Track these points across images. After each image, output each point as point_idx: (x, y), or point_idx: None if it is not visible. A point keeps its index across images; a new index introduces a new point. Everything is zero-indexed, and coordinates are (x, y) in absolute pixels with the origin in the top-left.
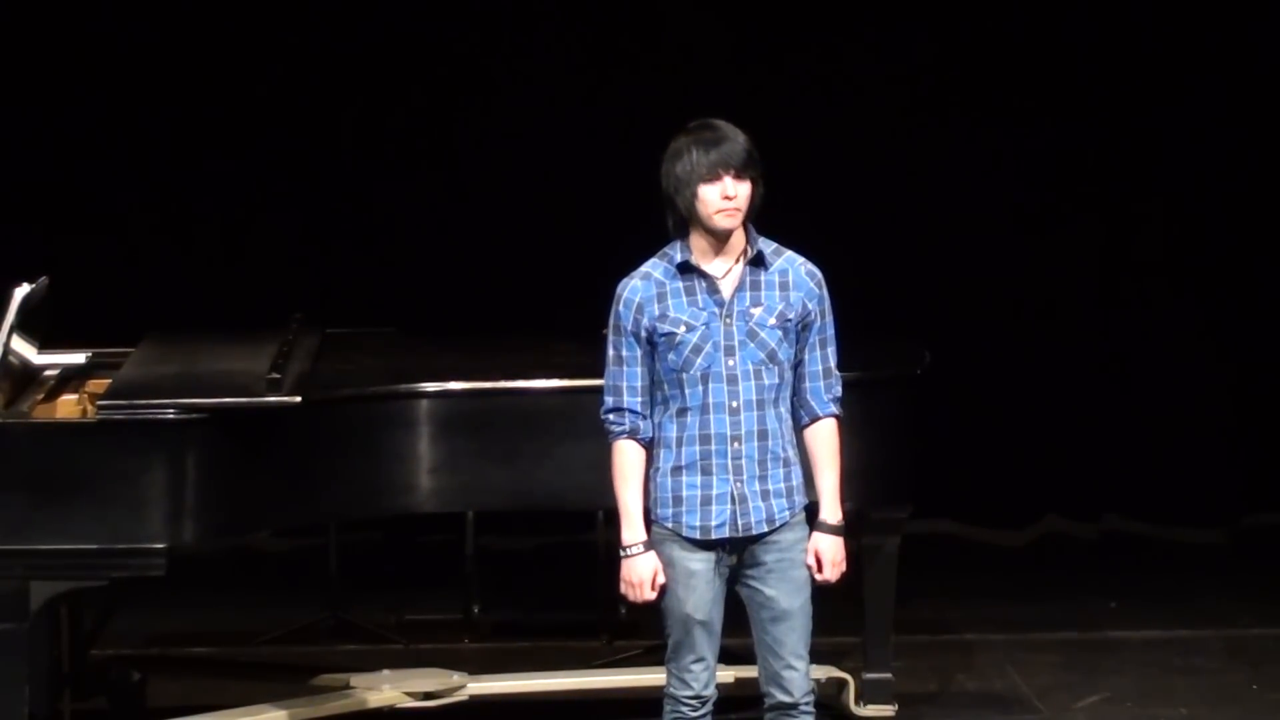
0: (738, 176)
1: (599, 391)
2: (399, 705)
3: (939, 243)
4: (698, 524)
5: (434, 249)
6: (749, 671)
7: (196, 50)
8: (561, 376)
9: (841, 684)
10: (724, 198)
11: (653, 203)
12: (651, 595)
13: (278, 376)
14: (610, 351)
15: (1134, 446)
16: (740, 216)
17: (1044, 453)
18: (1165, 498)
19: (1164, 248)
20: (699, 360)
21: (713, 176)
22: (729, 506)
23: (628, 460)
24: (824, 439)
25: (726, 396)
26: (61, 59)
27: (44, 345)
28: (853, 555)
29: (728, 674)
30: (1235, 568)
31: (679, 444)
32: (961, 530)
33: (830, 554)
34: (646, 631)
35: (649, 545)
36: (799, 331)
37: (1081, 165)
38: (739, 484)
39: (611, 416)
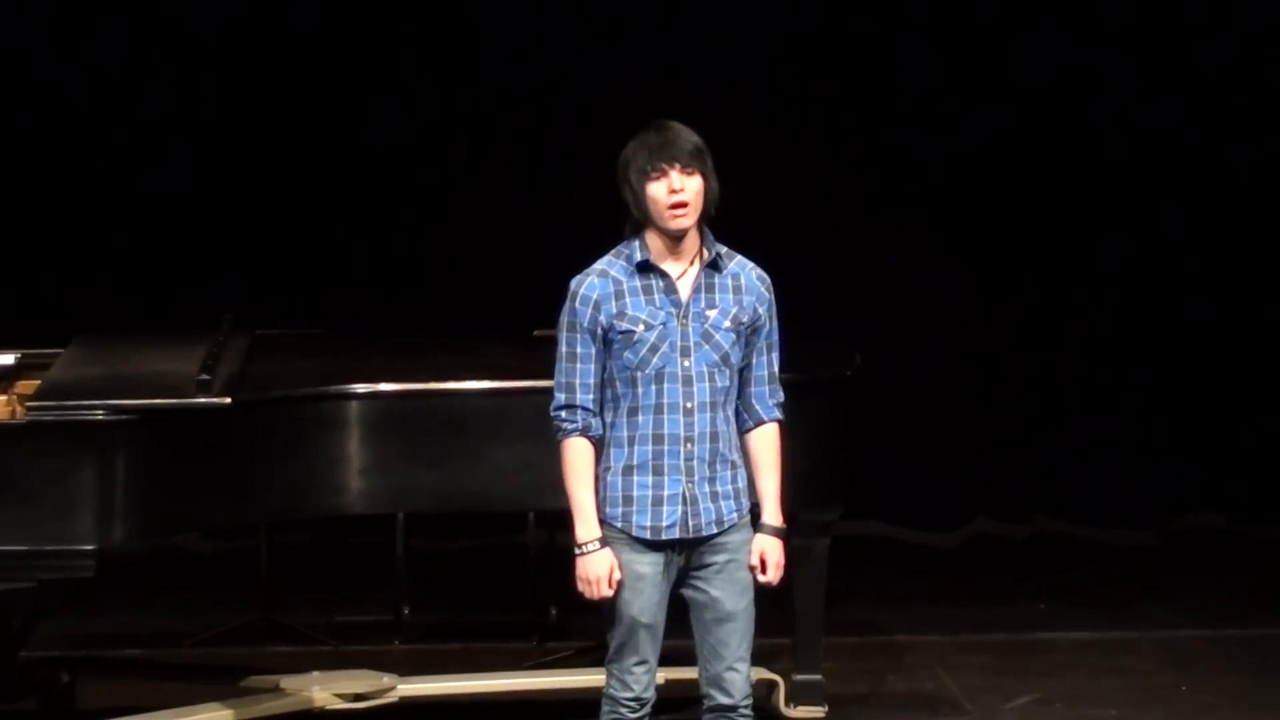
0: (684, 170)
1: (529, 394)
2: (329, 707)
3: (867, 244)
4: (648, 524)
5: (365, 250)
6: (680, 673)
7: (155, 54)
8: (491, 378)
9: (772, 685)
10: (670, 191)
11: (588, 207)
12: (609, 592)
13: (208, 378)
14: (563, 349)
15: (1064, 448)
16: (691, 214)
17: (974, 454)
18: (1096, 499)
19: (1091, 254)
20: (655, 359)
21: (658, 173)
22: (680, 507)
23: (580, 458)
24: (767, 443)
25: (681, 397)
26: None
27: None
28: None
29: (659, 675)
30: (1166, 569)
31: (630, 443)
32: (892, 532)
33: (774, 556)
34: (577, 633)
35: (604, 542)
36: (748, 335)
37: (1010, 167)
38: (690, 485)
39: (564, 414)
